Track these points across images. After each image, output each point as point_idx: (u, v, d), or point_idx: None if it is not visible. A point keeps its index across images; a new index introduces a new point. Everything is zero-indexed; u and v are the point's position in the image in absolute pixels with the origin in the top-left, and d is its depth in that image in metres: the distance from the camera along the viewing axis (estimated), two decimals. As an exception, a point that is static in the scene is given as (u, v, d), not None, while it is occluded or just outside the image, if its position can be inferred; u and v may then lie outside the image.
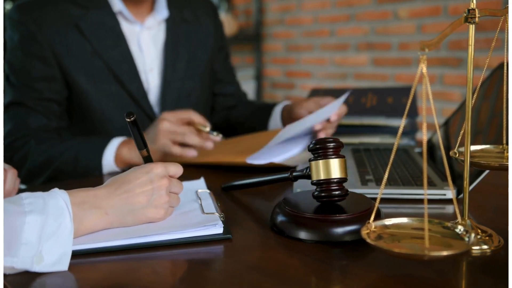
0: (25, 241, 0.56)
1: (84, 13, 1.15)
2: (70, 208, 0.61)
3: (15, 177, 0.82)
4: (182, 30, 1.29)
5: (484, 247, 0.61)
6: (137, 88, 1.19)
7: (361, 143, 1.24)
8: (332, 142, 0.69)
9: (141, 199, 0.67)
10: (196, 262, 0.61)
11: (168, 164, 0.71)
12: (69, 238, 0.59)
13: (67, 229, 0.59)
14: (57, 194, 0.61)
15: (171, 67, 1.25)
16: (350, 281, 0.55)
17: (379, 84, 2.63)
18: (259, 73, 3.25)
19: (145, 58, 1.22)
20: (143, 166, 0.69)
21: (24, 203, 0.58)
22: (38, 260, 0.56)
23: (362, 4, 2.65)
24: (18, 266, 0.55)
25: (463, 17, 0.59)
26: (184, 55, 1.28)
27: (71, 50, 1.14)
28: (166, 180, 0.69)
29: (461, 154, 0.66)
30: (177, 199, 0.73)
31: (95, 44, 1.15)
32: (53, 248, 0.58)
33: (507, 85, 0.69)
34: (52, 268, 0.57)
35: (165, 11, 1.25)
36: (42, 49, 1.12)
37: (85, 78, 1.15)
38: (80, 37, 1.14)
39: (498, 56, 0.98)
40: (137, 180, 0.67)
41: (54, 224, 0.58)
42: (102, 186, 0.67)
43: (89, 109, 1.16)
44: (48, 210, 0.59)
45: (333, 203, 0.70)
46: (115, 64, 1.16)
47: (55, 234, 0.58)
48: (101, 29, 1.16)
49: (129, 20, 1.20)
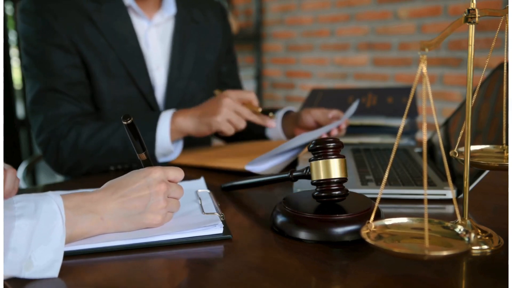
0: (13, 246, 0.54)
1: (97, 6, 1.16)
2: (63, 212, 0.59)
3: (15, 177, 0.82)
4: (191, 30, 1.29)
5: (484, 247, 0.61)
6: (145, 84, 1.21)
7: (361, 143, 1.24)
8: (332, 142, 0.69)
9: (137, 204, 0.65)
10: (196, 262, 0.61)
11: (168, 168, 0.69)
12: (61, 243, 0.57)
13: (59, 234, 0.57)
14: (51, 197, 0.60)
15: (177, 66, 1.26)
16: (350, 281, 0.55)
17: (379, 84, 2.63)
18: (259, 73, 3.25)
19: (151, 56, 1.23)
20: (141, 170, 0.68)
21: (14, 207, 0.57)
22: (27, 266, 0.55)
23: (362, 4, 2.65)
24: (5, 272, 0.54)
25: (463, 17, 0.59)
26: (191, 55, 1.28)
27: (87, 41, 1.15)
28: (164, 185, 0.67)
29: (461, 154, 0.66)
30: (177, 204, 0.70)
31: (108, 37, 1.16)
32: (44, 254, 0.56)
33: (507, 85, 0.69)
34: (42, 274, 0.55)
35: (173, 8, 1.26)
36: (61, 38, 1.12)
37: (99, 70, 1.16)
38: (95, 29, 1.15)
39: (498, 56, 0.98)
40: (134, 184, 0.65)
41: (46, 228, 0.56)
42: (98, 190, 0.65)
43: (103, 100, 1.17)
44: (40, 214, 0.57)
45: (333, 203, 0.70)
46: (127, 58, 1.18)
47: (46, 239, 0.56)
48: (114, 23, 1.17)
49: (138, 14, 1.21)
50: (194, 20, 1.30)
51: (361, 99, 1.35)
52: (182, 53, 1.26)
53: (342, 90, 1.50)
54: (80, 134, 1.09)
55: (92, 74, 1.15)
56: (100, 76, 1.16)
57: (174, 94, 1.25)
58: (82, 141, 1.08)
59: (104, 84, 1.16)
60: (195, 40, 1.29)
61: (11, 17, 2.74)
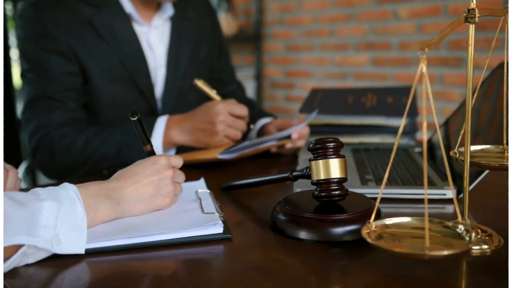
0: (43, 224, 0.58)
1: (96, 12, 1.16)
2: (80, 198, 0.64)
3: (16, 177, 0.82)
4: (184, 29, 1.31)
5: (484, 247, 0.61)
6: (146, 85, 1.22)
7: (361, 143, 1.24)
8: (332, 142, 0.69)
9: (149, 188, 0.71)
10: (196, 262, 0.61)
11: (170, 156, 0.76)
12: (83, 224, 0.62)
13: (80, 216, 0.62)
14: (68, 186, 0.64)
15: (174, 65, 1.28)
16: (350, 281, 0.55)
17: (379, 84, 2.63)
18: (259, 73, 3.25)
19: (155, 55, 1.25)
20: (148, 158, 0.74)
21: (39, 193, 0.61)
22: (57, 242, 0.59)
23: (362, 4, 2.65)
24: (40, 245, 0.57)
25: (463, 17, 0.59)
26: (186, 54, 1.30)
27: (86, 47, 1.15)
28: (171, 170, 0.74)
29: (461, 154, 0.66)
30: (181, 188, 0.78)
31: (109, 41, 1.16)
32: (69, 233, 0.60)
33: (507, 85, 0.69)
34: (70, 250, 0.60)
35: (171, 9, 1.27)
36: (59, 44, 1.13)
37: (99, 74, 1.16)
38: (94, 35, 1.16)
39: (498, 56, 0.98)
40: (144, 171, 0.72)
41: (69, 210, 0.61)
42: (111, 179, 0.71)
43: (101, 103, 1.18)
44: (62, 198, 0.62)
45: (333, 203, 0.70)
46: (129, 61, 1.19)
47: (69, 220, 0.61)
48: (114, 28, 1.17)
49: (138, 22, 1.22)
50: (186, 18, 1.32)
51: (361, 99, 1.35)
52: (178, 53, 1.28)
53: (342, 90, 1.50)
54: (74, 141, 1.09)
55: (91, 80, 1.16)
56: (99, 81, 1.16)
57: (171, 92, 1.27)
58: (76, 149, 1.09)
59: (103, 89, 1.17)
60: (188, 39, 1.32)
61: (11, 17, 2.74)
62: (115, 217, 0.69)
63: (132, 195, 0.70)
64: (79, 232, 0.61)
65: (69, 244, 0.60)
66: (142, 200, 0.71)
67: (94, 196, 0.66)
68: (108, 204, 0.67)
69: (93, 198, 0.66)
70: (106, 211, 0.67)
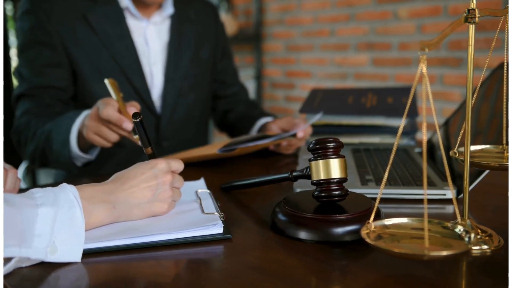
0: (38, 233, 0.57)
1: (92, 5, 1.18)
2: (79, 201, 0.62)
3: (16, 177, 0.82)
4: (186, 30, 1.32)
5: (484, 247, 0.61)
6: (140, 82, 1.22)
7: (361, 143, 1.24)
8: (332, 142, 0.69)
9: (146, 193, 0.69)
10: (196, 262, 0.61)
11: (171, 160, 0.74)
12: (81, 229, 0.61)
13: (79, 221, 0.61)
14: (66, 188, 0.63)
15: (174, 65, 1.28)
16: (350, 281, 0.55)
17: (379, 84, 2.63)
18: (259, 73, 3.25)
19: (150, 51, 1.25)
20: (147, 162, 0.72)
21: (35, 197, 0.60)
22: (52, 251, 0.58)
23: (362, 4, 2.65)
24: (33, 256, 0.56)
25: (463, 17, 0.59)
26: (187, 54, 1.31)
27: (78, 40, 1.17)
28: (169, 175, 0.72)
29: (461, 154, 0.66)
30: (179, 194, 0.76)
31: (101, 36, 1.18)
32: (66, 239, 0.59)
33: (507, 85, 0.69)
34: (66, 258, 0.59)
35: (171, 7, 1.28)
36: (50, 37, 1.15)
37: (90, 68, 1.17)
38: (88, 28, 1.17)
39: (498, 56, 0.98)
40: (142, 175, 0.70)
41: (66, 215, 0.60)
42: (107, 182, 0.69)
43: (92, 98, 1.18)
44: (59, 202, 0.60)
45: (333, 203, 0.70)
46: (120, 56, 1.19)
47: (67, 226, 0.59)
48: (107, 22, 1.19)
49: (136, 16, 1.23)
50: (189, 19, 1.33)
51: (361, 99, 1.35)
52: (179, 52, 1.29)
53: (342, 90, 1.50)
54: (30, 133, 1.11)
55: (81, 76, 1.17)
56: (90, 77, 1.18)
57: (170, 92, 1.27)
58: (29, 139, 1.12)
59: (95, 85, 1.18)
60: (190, 39, 1.32)
61: (11, 17, 2.74)
62: (110, 221, 0.67)
63: (129, 199, 0.68)
64: (77, 239, 0.60)
65: (65, 251, 0.59)
66: (139, 205, 0.69)
67: (88, 198, 0.64)
68: (103, 208, 0.65)
69: (88, 200, 0.64)
70: (101, 214, 0.65)
